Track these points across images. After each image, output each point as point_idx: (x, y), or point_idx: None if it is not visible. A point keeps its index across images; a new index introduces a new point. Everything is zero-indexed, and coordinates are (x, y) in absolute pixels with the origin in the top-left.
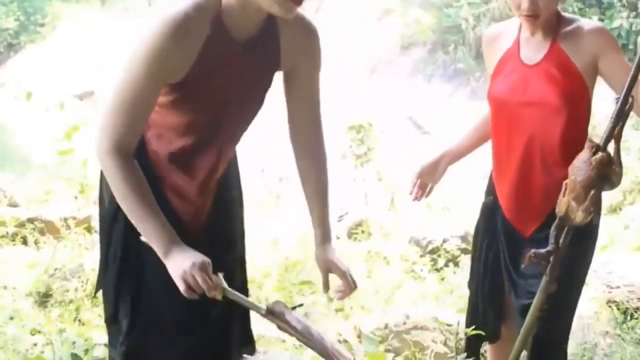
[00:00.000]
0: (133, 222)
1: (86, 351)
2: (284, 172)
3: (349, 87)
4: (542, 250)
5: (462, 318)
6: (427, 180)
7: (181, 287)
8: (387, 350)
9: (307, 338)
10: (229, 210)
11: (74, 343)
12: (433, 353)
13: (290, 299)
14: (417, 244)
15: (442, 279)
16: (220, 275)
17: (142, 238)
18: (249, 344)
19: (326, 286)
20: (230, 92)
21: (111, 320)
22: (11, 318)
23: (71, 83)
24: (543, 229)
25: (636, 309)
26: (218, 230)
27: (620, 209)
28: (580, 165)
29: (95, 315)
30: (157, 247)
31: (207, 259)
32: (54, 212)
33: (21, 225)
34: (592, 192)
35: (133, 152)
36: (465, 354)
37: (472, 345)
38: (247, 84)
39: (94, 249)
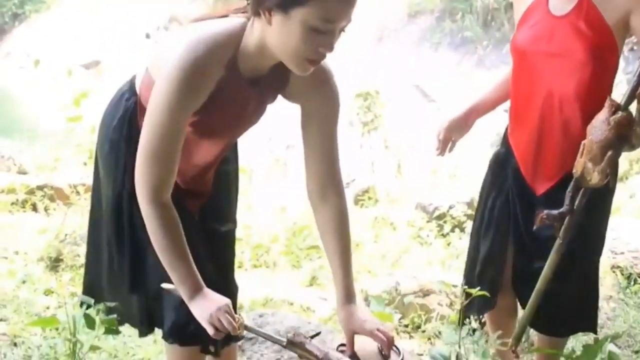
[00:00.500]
0: (164, 264)
1: (97, 311)
2: (290, 140)
3: (356, 55)
4: (555, 212)
5: None
6: (454, 135)
7: (210, 330)
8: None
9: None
10: (225, 183)
11: (84, 304)
12: (439, 315)
13: (297, 262)
14: (423, 210)
15: (448, 244)
16: (241, 315)
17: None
18: None
19: (350, 347)
20: (235, 121)
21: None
22: (23, 282)
23: (77, 52)
24: (557, 189)
25: (639, 274)
26: (215, 202)
27: (627, 178)
28: (599, 125)
29: None
30: (183, 292)
31: (228, 301)
32: (63, 179)
33: (31, 192)
34: (610, 153)
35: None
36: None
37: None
38: (253, 112)
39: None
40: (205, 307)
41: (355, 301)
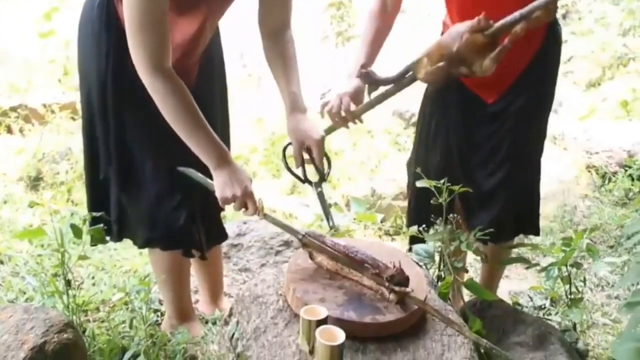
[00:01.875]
0: (183, 137)
1: (84, 221)
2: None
3: None
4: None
5: None
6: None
7: (221, 202)
8: None
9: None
10: (212, 77)
11: (71, 215)
12: None
13: (277, 172)
14: (400, 117)
15: None
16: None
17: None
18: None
19: (299, 160)
20: None
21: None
22: (5, 202)
23: None
24: (505, 98)
25: (614, 173)
26: (203, 93)
27: (599, 84)
28: (454, 33)
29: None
30: (209, 161)
31: (250, 182)
32: (37, 99)
33: (4, 114)
34: (442, 63)
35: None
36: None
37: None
38: None
39: (79, 132)
40: (230, 180)
41: (302, 111)
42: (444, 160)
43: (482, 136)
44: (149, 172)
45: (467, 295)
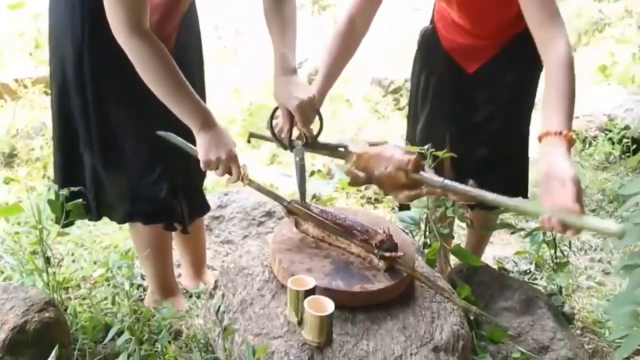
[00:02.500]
0: (165, 100)
1: (57, 196)
2: (238, 27)
3: None
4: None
5: None
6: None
7: (203, 165)
8: None
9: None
10: (190, 45)
11: (48, 190)
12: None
13: (256, 143)
14: (379, 85)
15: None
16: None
17: None
18: None
19: (287, 125)
20: None
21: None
22: None
23: None
24: (487, 67)
25: (594, 137)
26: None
27: (575, 50)
28: (386, 158)
29: None
30: (192, 123)
31: (235, 148)
32: (8, 74)
33: None
34: (361, 174)
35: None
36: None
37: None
38: None
39: None
40: (214, 143)
41: (291, 72)
42: (429, 126)
43: (471, 104)
44: (129, 144)
45: (453, 261)
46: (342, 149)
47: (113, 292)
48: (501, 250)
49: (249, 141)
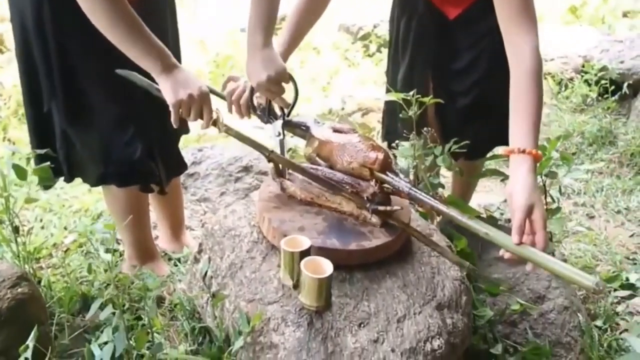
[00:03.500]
0: (121, 43)
1: (27, 160)
2: None
3: None
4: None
5: None
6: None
7: (174, 114)
8: None
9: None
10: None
11: (13, 154)
12: (379, 134)
13: None
14: (347, 32)
15: (377, 64)
16: (219, 110)
17: None
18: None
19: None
20: None
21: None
22: None
23: None
24: (469, 12)
25: (570, 79)
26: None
27: None
28: (348, 150)
29: (24, 132)
30: (154, 64)
31: (206, 88)
32: None
33: None
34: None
35: None
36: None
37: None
38: None
39: (9, 66)
40: (181, 82)
41: (262, 48)
42: (411, 72)
43: (452, 50)
44: (98, 101)
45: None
46: (303, 129)
47: (88, 261)
48: (484, 197)
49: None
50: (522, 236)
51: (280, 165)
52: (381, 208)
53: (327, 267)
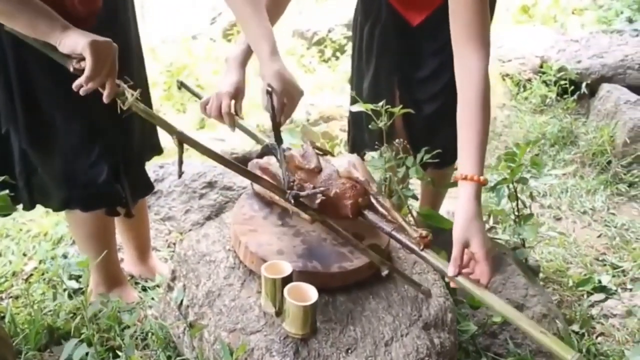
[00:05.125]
0: (9, 17)
1: None
2: None
3: None
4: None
5: None
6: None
7: (91, 55)
8: None
9: None
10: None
11: None
12: (342, 142)
13: (181, 106)
14: (301, 37)
15: (333, 69)
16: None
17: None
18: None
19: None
20: None
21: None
22: None
23: None
24: (432, 19)
25: (528, 80)
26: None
27: None
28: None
29: None
30: (52, 26)
31: (114, 46)
32: None
33: None
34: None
35: None
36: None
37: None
38: None
39: None
40: (84, 34)
41: (278, 54)
42: (376, 81)
43: (417, 58)
44: (60, 122)
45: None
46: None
47: (51, 290)
48: (452, 204)
49: (179, 88)
50: (459, 269)
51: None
52: (302, 193)
53: (311, 293)
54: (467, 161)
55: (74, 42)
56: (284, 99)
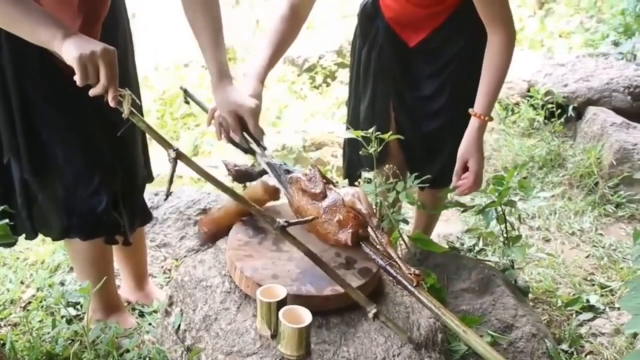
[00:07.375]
0: (12, 24)
1: None
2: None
3: None
4: None
5: None
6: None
7: (78, 74)
8: None
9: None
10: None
11: None
12: (334, 168)
13: (175, 134)
14: (292, 64)
15: (324, 96)
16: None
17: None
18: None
19: (238, 131)
20: None
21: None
22: None
23: None
24: (429, 40)
25: (516, 104)
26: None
27: None
28: (334, 200)
29: None
30: (54, 32)
31: (112, 50)
32: None
33: None
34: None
35: None
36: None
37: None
38: None
39: None
40: (84, 40)
41: (230, 80)
42: (373, 103)
43: (414, 79)
44: (61, 152)
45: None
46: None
47: (50, 317)
48: (443, 227)
49: (185, 99)
50: (459, 179)
51: None
52: (292, 222)
53: (305, 315)
54: (479, 102)
55: (66, 54)
56: (236, 119)
